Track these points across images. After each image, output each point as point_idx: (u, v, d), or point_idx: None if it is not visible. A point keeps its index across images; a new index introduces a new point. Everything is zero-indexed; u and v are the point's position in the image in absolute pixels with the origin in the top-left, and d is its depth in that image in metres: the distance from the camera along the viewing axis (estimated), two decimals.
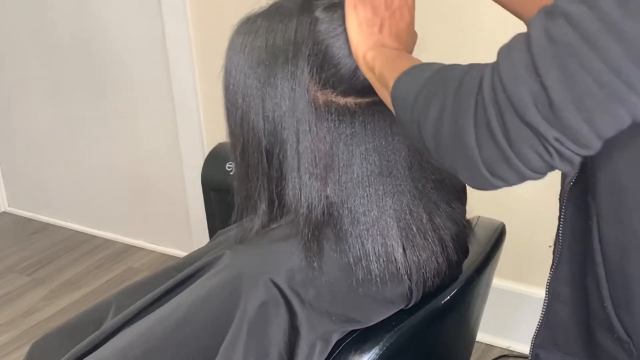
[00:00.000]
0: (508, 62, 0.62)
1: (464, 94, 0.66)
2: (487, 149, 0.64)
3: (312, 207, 0.93)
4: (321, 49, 0.91)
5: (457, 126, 0.66)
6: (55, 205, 2.83)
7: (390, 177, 0.95)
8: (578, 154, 0.63)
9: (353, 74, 0.92)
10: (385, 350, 1.01)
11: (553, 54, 0.59)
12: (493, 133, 0.63)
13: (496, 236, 1.20)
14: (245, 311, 0.92)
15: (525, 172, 0.65)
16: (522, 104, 0.61)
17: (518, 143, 0.63)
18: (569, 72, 0.59)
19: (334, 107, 0.93)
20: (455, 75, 0.68)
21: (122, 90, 2.44)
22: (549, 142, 0.62)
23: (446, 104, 0.67)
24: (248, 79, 0.93)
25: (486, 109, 0.63)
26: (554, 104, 0.60)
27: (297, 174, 0.93)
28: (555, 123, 0.61)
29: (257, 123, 0.93)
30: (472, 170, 0.67)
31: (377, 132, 0.94)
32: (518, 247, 1.63)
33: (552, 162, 0.64)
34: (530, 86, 0.60)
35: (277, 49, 0.91)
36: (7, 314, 2.29)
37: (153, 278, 1.18)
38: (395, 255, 0.95)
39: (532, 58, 0.60)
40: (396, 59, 0.85)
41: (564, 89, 0.59)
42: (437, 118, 0.69)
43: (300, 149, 0.92)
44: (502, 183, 0.67)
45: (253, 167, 0.96)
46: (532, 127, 0.61)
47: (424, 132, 0.71)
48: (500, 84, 0.62)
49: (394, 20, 0.92)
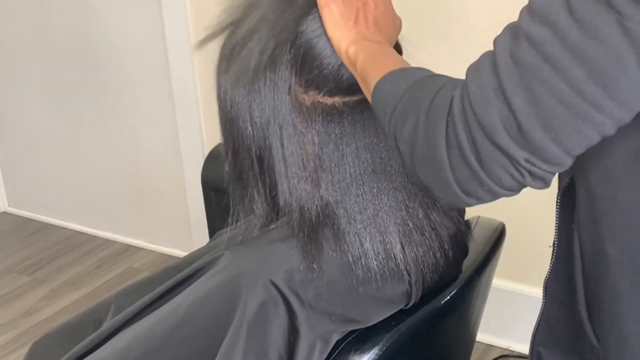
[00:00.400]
0: (476, 85, 0.63)
1: (435, 114, 0.66)
2: (459, 170, 0.65)
3: (305, 210, 0.93)
4: (301, 52, 0.90)
5: (430, 146, 0.67)
6: (55, 205, 2.83)
7: (385, 173, 0.95)
8: (550, 171, 0.64)
9: (337, 73, 0.91)
10: (385, 351, 1.01)
11: (519, 77, 0.60)
12: (464, 155, 0.64)
13: (496, 236, 1.20)
14: (245, 311, 0.92)
15: (498, 191, 0.66)
16: (491, 127, 0.62)
17: (490, 164, 0.63)
18: (534, 95, 0.60)
19: (321, 108, 0.93)
20: (429, 92, 0.69)
21: (122, 90, 2.44)
22: (520, 163, 0.63)
23: (419, 122, 0.68)
24: (235, 87, 0.93)
25: (457, 131, 0.64)
26: (521, 126, 0.60)
27: (286, 179, 0.93)
28: (525, 145, 0.61)
29: (246, 130, 0.93)
30: (446, 189, 0.68)
31: (367, 129, 0.94)
32: (518, 247, 1.63)
33: (523, 181, 0.65)
34: (498, 109, 0.61)
35: (259, 56, 0.91)
36: (7, 314, 2.28)
37: (152, 278, 1.18)
38: (394, 252, 0.95)
39: (499, 81, 0.61)
40: (378, 56, 0.84)
41: (531, 111, 0.60)
42: (412, 135, 0.69)
43: (285, 154, 0.92)
44: (476, 201, 0.68)
45: (245, 173, 0.96)
46: (502, 149, 0.62)
47: (400, 146, 0.72)
48: (470, 107, 0.63)
49: (368, 9, 0.91)
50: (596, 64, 0.57)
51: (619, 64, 0.57)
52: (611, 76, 0.57)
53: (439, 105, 0.66)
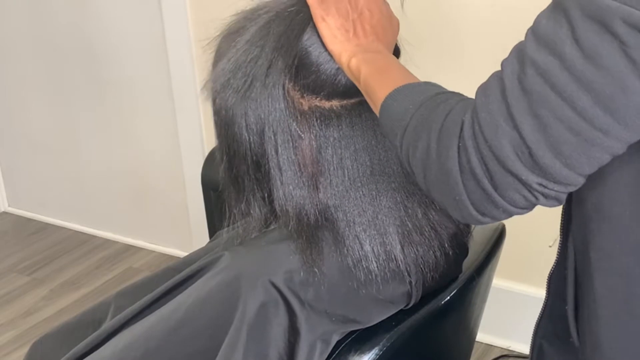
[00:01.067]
0: (486, 111, 0.64)
1: (446, 138, 0.67)
2: (474, 194, 0.66)
3: (302, 215, 0.93)
4: (297, 59, 0.90)
5: (444, 171, 0.67)
6: (55, 205, 2.83)
7: (383, 175, 0.95)
8: (563, 192, 0.65)
9: (334, 78, 0.91)
10: (385, 351, 1.01)
11: (527, 104, 0.61)
12: (478, 179, 0.65)
13: (496, 236, 1.20)
14: (245, 312, 0.92)
15: (513, 211, 0.67)
16: (503, 153, 0.63)
17: (503, 188, 0.65)
18: (543, 121, 0.61)
19: (319, 111, 0.92)
20: (439, 115, 0.69)
21: (122, 90, 2.44)
22: (532, 187, 0.64)
23: (431, 146, 0.69)
24: (228, 96, 0.93)
25: (469, 157, 0.65)
26: (532, 152, 0.62)
27: (281, 185, 0.93)
28: (536, 169, 0.63)
29: (241, 136, 0.93)
30: (462, 211, 0.69)
31: (365, 131, 0.94)
32: (518, 247, 1.63)
33: (537, 202, 0.66)
34: (509, 136, 0.62)
35: (254, 62, 0.91)
36: (7, 314, 2.28)
37: (152, 278, 1.17)
38: (394, 253, 0.95)
39: (508, 108, 0.62)
40: (383, 71, 0.85)
41: (541, 138, 0.61)
42: (424, 159, 0.70)
43: (280, 161, 0.92)
44: (491, 220, 0.69)
45: (241, 178, 0.96)
46: (515, 175, 0.63)
47: (414, 169, 0.73)
48: (481, 134, 0.64)
49: (364, 19, 0.91)
50: (602, 92, 0.59)
51: (624, 90, 0.58)
52: (617, 103, 0.59)
53: (450, 129, 0.67)
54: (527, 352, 0.99)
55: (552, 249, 0.90)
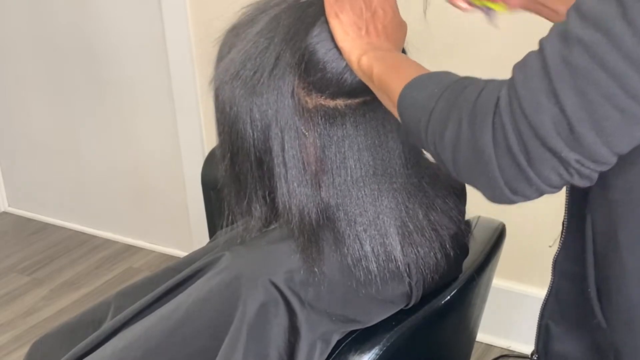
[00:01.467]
0: (526, 88, 0.64)
1: (480, 117, 0.67)
2: (508, 171, 0.66)
3: (305, 213, 0.93)
4: (305, 56, 0.90)
5: (477, 149, 0.67)
6: (55, 205, 2.83)
7: (385, 175, 0.95)
8: (597, 170, 0.66)
9: (340, 76, 0.91)
10: (385, 351, 1.01)
11: (572, 81, 0.61)
12: (514, 156, 0.65)
13: (496, 236, 1.20)
14: (245, 312, 0.92)
15: (545, 189, 0.67)
16: (543, 130, 0.63)
17: (539, 165, 0.65)
18: (588, 98, 0.61)
19: (323, 110, 0.92)
20: (469, 95, 0.69)
21: (122, 90, 2.44)
22: (570, 164, 0.64)
23: (462, 125, 0.69)
24: (234, 88, 0.92)
25: (506, 133, 0.65)
26: (574, 129, 0.62)
27: (285, 182, 0.92)
28: (576, 147, 0.63)
29: (246, 132, 0.92)
30: (494, 189, 0.69)
31: (369, 131, 0.94)
32: (518, 247, 1.63)
33: (572, 180, 0.66)
34: (551, 112, 0.62)
35: (260, 58, 0.90)
36: (7, 314, 2.28)
37: (152, 278, 1.17)
38: (395, 254, 0.95)
39: (552, 85, 0.62)
40: (397, 65, 0.85)
41: (584, 115, 0.61)
42: (455, 139, 0.70)
43: (286, 157, 0.92)
44: (522, 199, 0.69)
45: (243, 175, 0.96)
46: (553, 152, 0.64)
47: (442, 153, 0.73)
48: (520, 111, 0.64)
49: (377, 18, 0.92)
50: None
51: None
52: None
53: (484, 107, 0.67)
54: (527, 352, 0.99)
55: (552, 248, 0.90)
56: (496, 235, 1.20)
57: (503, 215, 1.27)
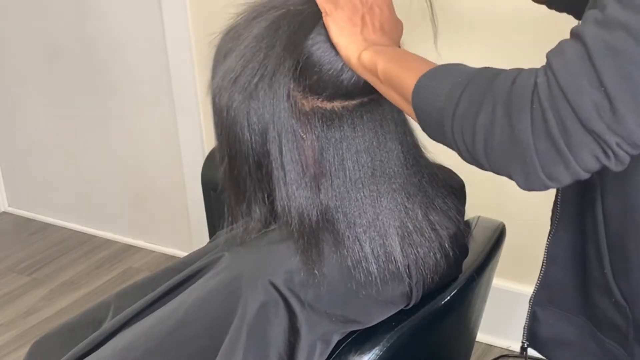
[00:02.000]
0: (567, 73, 0.65)
1: (517, 103, 0.68)
2: (546, 155, 0.67)
3: (304, 216, 0.93)
4: (301, 60, 0.90)
5: (513, 134, 0.68)
6: (55, 205, 2.83)
7: (384, 176, 0.95)
8: (632, 154, 0.67)
9: (337, 79, 0.91)
10: (385, 351, 1.01)
11: (615, 64, 0.63)
12: (554, 140, 0.66)
13: (496, 236, 1.20)
14: (245, 312, 0.92)
15: (580, 174, 0.68)
16: (585, 112, 0.64)
17: (579, 149, 0.66)
18: (632, 80, 0.63)
19: (320, 112, 0.92)
20: (501, 83, 0.70)
21: (122, 90, 2.44)
22: (611, 147, 0.65)
23: (496, 113, 0.69)
24: (232, 93, 0.92)
25: (546, 117, 0.66)
26: (617, 111, 0.63)
27: (284, 185, 0.92)
28: (618, 129, 0.64)
29: (243, 136, 0.92)
30: (529, 174, 0.69)
31: (367, 133, 0.93)
32: (518, 247, 1.63)
33: (608, 164, 0.67)
34: (593, 96, 0.64)
35: (257, 61, 0.90)
36: (7, 314, 2.28)
37: (152, 279, 1.17)
38: (394, 254, 0.95)
39: (594, 68, 0.63)
40: (403, 58, 0.85)
41: (627, 97, 0.63)
42: (488, 126, 0.70)
43: (284, 161, 0.91)
44: (555, 184, 0.70)
45: (242, 179, 0.96)
46: (595, 134, 0.65)
47: (470, 141, 0.73)
48: (561, 94, 0.65)
49: (373, 14, 0.91)
50: None
51: None
52: None
53: (520, 93, 0.68)
54: None
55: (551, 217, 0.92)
56: (496, 235, 1.20)
57: (503, 215, 1.27)
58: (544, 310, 0.96)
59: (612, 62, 0.63)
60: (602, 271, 0.84)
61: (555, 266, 0.92)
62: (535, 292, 0.96)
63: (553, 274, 0.93)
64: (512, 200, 1.74)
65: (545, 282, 0.94)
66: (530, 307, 0.97)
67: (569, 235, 0.90)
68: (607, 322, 0.88)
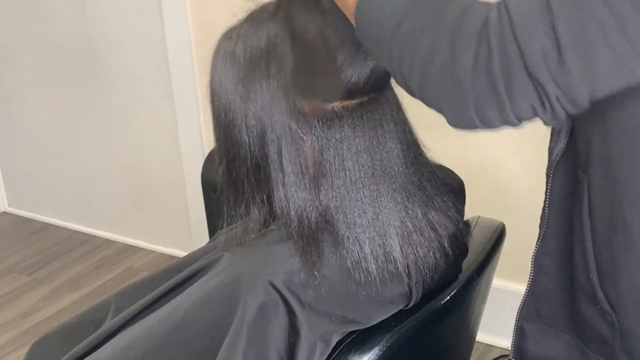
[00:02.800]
0: (521, 15, 0.62)
1: (463, 37, 0.65)
2: (482, 94, 0.64)
3: (303, 218, 0.93)
4: (300, 60, 0.90)
5: (453, 69, 0.65)
6: (55, 205, 2.83)
7: (384, 175, 0.95)
8: (568, 112, 0.64)
9: (336, 78, 0.91)
10: (385, 351, 1.01)
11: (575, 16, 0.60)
12: (494, 80, 0.63)
13: (496, 236, 1.20)
14: (245, 313, 0.92)
15: (512, 121, 0.66)
16: (532, 57, 0.61)
17: (518, 94, 0.63)
18: (588, 36, 0.60)
19: (320, 113, 0.92)
20: (451, 13, 0.67)
21: (122, 90, 2.44)
22: (550, 99, 0.63)
23: (440, 43, 0.66)
24: (230, 95, 0.92)
25: (491, 55, 0.63)
26: (565, 64, 0.61)
27: (283, 187, 0.92)
28: (561, 81, 0.61)
29: (242, 138, 0.93)
30: (460, 112, 0.67)
31: (367, 132, 0.94)
32: (518, 247, 1.63)
33: (543, 116, 0.65)
34: (544, 43, 0.61)
35: (254, 64, 0.91)
36: (7, 314, 2.29)
37: (152, 279, 1.17)
38: (394, 255, 0.95)
39: (552, 15, 0.60)
40: None
41: (578, 49, 0.60)
42: (428, 56, 0.67)
43: (283, 163, 0.92)
44: (485, 126, 0.67)
45: (241, 180, 0.96)
46: (537, 82, 0.62)
47: (407, 68, 0.70)
48: (512, 34, 0.62)
49: None
50: None
51: None
52: None
53: (468, 28, 0.65)
54: None
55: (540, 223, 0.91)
56: (496, 235, 1.20)
57: (503, 215, 1.27)
58: (531, 325, 0.93)
59: (571, 12, 0.60)
60: (588, 276, 0.82)
61: (544, 276, 0.90)
62: (522, 304, 0.93)
63: (541, 285, 0.91)
64: (512, 201, 1.74)
65: (532, 292, 0.92)
66: (517, 321, 0.94)
67: (556, 242, 0.88)
68: (594, 335, 0.85)
